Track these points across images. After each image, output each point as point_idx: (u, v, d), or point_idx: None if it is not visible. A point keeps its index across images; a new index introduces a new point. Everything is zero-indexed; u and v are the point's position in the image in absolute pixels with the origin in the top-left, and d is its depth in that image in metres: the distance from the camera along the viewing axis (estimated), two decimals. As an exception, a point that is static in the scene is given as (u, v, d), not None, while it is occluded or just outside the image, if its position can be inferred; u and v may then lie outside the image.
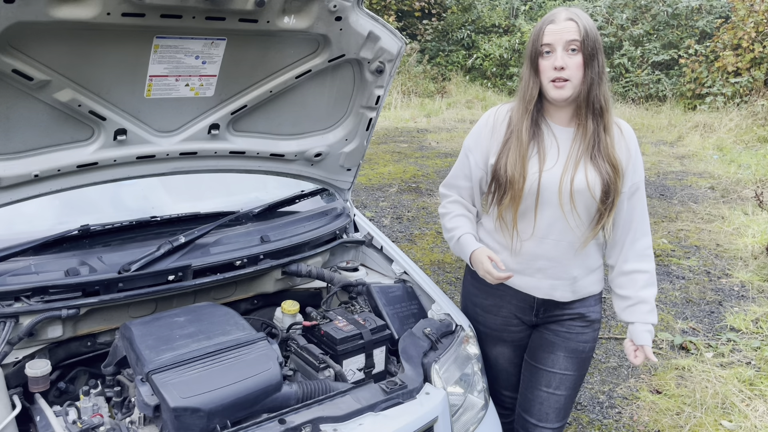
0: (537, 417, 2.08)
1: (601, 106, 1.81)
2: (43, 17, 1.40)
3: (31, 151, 1.71)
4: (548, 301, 1.98)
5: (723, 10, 12.94)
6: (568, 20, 1.76)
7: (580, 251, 1.91)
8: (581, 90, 1.79)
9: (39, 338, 1.74)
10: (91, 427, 1.53)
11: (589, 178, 1.82)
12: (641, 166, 1.92)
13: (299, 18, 1.74)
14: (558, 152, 1.86)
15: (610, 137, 1.84)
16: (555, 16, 1.79)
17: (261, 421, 1.52)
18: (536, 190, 1.84)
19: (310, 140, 2.23)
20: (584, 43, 1.75)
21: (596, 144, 1.83)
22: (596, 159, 1.82)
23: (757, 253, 5.37)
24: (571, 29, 1.75)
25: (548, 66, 1.78)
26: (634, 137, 1.92)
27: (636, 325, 1.97)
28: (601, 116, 1.82)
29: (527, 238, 1.91)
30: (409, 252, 5.38)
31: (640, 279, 1.95)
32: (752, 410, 3.20)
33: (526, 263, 1.94)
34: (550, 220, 1.87)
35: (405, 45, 2.05)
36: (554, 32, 1.76)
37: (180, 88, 1.79)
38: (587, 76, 1.78)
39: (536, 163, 1.85)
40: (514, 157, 1.84)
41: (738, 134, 9.81)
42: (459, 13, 16.25)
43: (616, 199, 1.85)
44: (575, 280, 1.94)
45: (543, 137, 1.87)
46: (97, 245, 1.95)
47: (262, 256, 2.08)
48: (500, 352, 2.13)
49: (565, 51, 1.76)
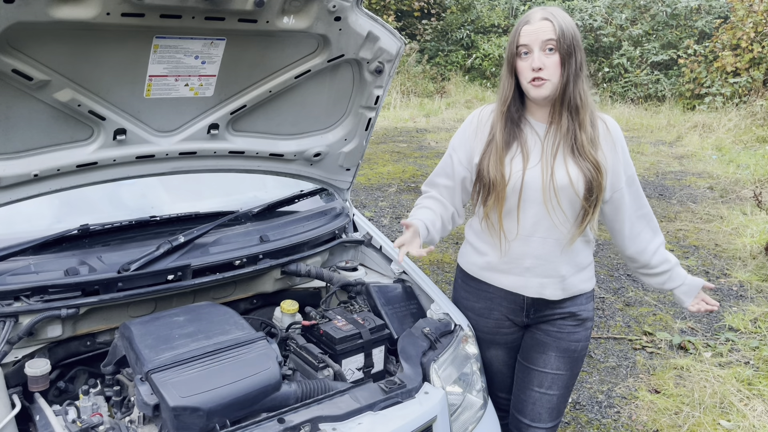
0: (530, 417, 2.08)
1: (577, 103, 1.81)
2: (42, 17, 1.40)
3: (30, 151, 1.72)
4: (538, 300, 1.98)
5: (722, 11, 12.95)
6: (543, 20, 1.77)
7: (567, 249, 1.91)
8: (557, 89, 1.80)
9: (38, 337, 1.74)
10: (90, 427, 1.53)
11: (571, 174, 1.82)
12: (630, 159, 1.95)
13: (298, 18, 1.74)
14: (542, 150, 1.86)
15: (586, 134, 1.83)
16: (530, 16, 1.80)
17: (260, 421, 1.52)
18: (519, 189, 1.85)
19: (309, 140, 2.23)
20: (560, 41, 1.75)
21: (573, 141, 1.83)
22: (576, 156, 1.83)
23: (756, 253, 5.38)
24: (546, 29, 1.76)
25: (526, 67, 1.79)
26: (620, 132, 1.93)
27: (684, 284, 2.04)
28: (576, 113, 1.82)
29: (513, 237, 1.91)
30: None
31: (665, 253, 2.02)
32: (750, 410, 3.21)
33: (514, 262, 1.94)
34: (535, 219, 1.88)
35: (404, 45, 2.05)
36: (530, 33, 1.77)
37: (179, 88, 1.80)
38: (564, 74, 1.78)
39: (520, 161, 1.86)
40: (495, 158, 1.86)
41: (737, 134, 9.81)
42: (458, 13, 16.25)
43: (600, 196, 1.85)
44: (564, 278, 1.94)
45: (525, 137, 1.88)
46: (96, 245, 1.96)
47: (262, 256, 2.09)
48: (494, 354, 2.13)
49: (542, 51, 1.77)
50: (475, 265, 2.05)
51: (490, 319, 2.07)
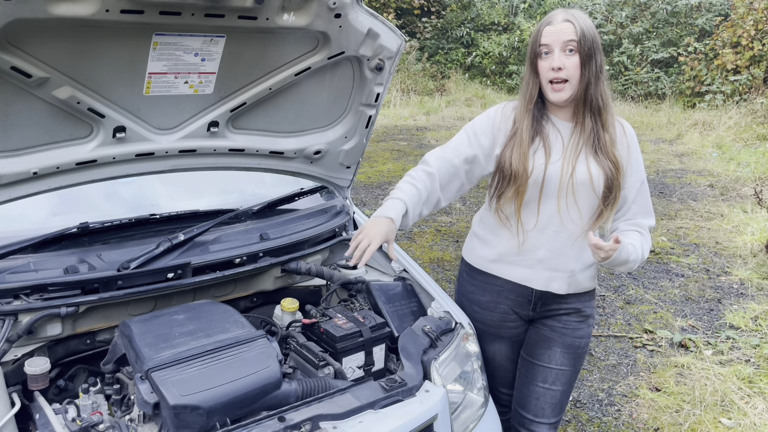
0: (533, 412, 2.09)
1: (599, 104, 1.86)
2: (41, 14, 1.39)
3: (29, 149, 1.71)
4: (545, 293, 2.01)
5: (722, 8, 12.94)
6: (565, 21, 1.81)
7: (578, 244, 1.94)
8: (579, 89, 1.84)
9: (38, 336, 1.74)
10: (90, 425, 1.53)
11: (592, 171, 1.87)
12: (642, 163, 1.99)
13: (298, 15, 1.74)
14: (563, 146, 1.90)
15: (609, 135, 1.88)
16: (552, 17, 1.84)
17: (260, 419, 1.52)
18: (541, 182, 1.88)
19: (309, 138, 2.22)
20: (581, 43, 1.79)
21: (596, 141, 1.87)
22: (598, 155, 1.87)
23: (756, 250, 5.37)
24: (568, 30, 1.80)
25: (546, 67, 1.83)
26: (634, 136, 1.98)
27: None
28: (599, 114, 1.87)
29: (530, 229, 1.94)
30: (408, 250, 5.39)
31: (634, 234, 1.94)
32: (751, 408, 3.21)
33: (527, 254, 1.97)
34: (552, 212, 1.91)
35: (404, 42, 2.04)
36: (551, 33, 1.82)
37: (179, 85, 1.79)
38: (584, 75, 1.82)
39: (542, 156, 1.89)
40: (518, 153, 1.88)
41: (737, 132, 9.81)
42: (458, 10, 16.23)
43: (617, 195, 1.89)
44: (572, 274, 1.98)
45: (548, 132, 1.91)
46: (96, 243, 1.95)
47: (262, 254, 2.08)
48: (497, 349, 2.14)
49: (562, 51, 1.81)
50: (484, 258, 2.06)
51: (495, 313, 2.08)
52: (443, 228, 6.06)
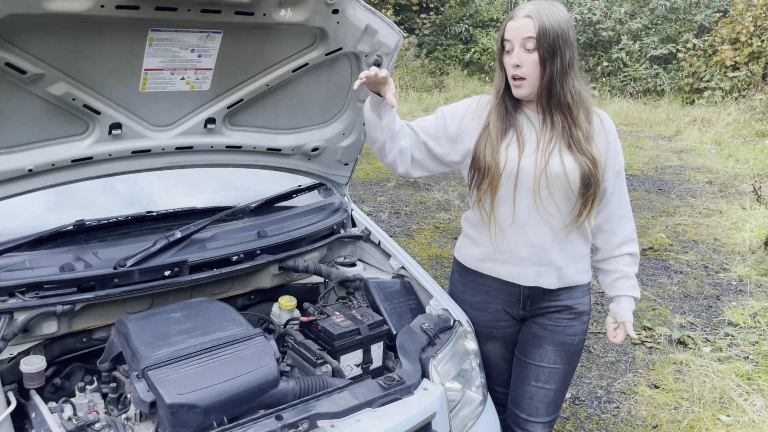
0: (528, 412, 2.08)
1: (568, 102, 1.80)
2: (36, 9, 1.38)
3: (25, 146, 1.70)
4: (535, 290, 1.98)
5: (721, 4, 12.93)
6: (525, 17, 1.75)
7: (561, 238, 1.91)
8: (539, 86, 1.79)
9: (34, 334, 1.73)
10: (86, 424, 1.52)
11: (566, 164, 1.82)
12: (621, 154, 1.95)
13: (296, 11, 1.73)
14: (537, 138, 1.87)
15: (582, 132, 1.83)
16: (516, 12, 1.79)
17: (258, 418, 1.51)
18: (515, 176, 1.85)
19: (307, 134, 2.22)
20: (539, 40, 1.73)
21: (569, 137, 1.83)
22: (573, 151, 1.83)
23: (755, 247, 5.37)
24: (527, 26, 1.74)
25: (508, 62, 1.80)
26: (613, 127, 1.94)
27: (620, 300, 2.01)
28: (569, 111, 1.82)
29: (508, 225, 1.91)
30: (406, 247, 5.38)
31: (626, 258, 2.01)
32: (750, 404, 3.21)
33: (510, 251, 1.94)
34: (530, 206, 1.87)
35: (403, 38, 2.03)
36: (512, 29, 1.77)
37: (175, 81, 1.78)
38: (544, 73, 1.76)
39: (515, 149, 1.86)
40: (489, 146, 1.86)
41: (736, 129, 9.81)
42: (457, 7, 16.20)
43: (597, 192, 1.86)
44: (560, 268, 1.94)
45: (522, 125, 1.88)
46: (92, 240, 1.94)
47: (259, 252, 2.07)
48: (491, 348, 2.13)
49: (521, 48, 1.76)
50: (472, 257, 2.05)
51: (487, 313, 2.06)
52: (441, 225, 6.06)
